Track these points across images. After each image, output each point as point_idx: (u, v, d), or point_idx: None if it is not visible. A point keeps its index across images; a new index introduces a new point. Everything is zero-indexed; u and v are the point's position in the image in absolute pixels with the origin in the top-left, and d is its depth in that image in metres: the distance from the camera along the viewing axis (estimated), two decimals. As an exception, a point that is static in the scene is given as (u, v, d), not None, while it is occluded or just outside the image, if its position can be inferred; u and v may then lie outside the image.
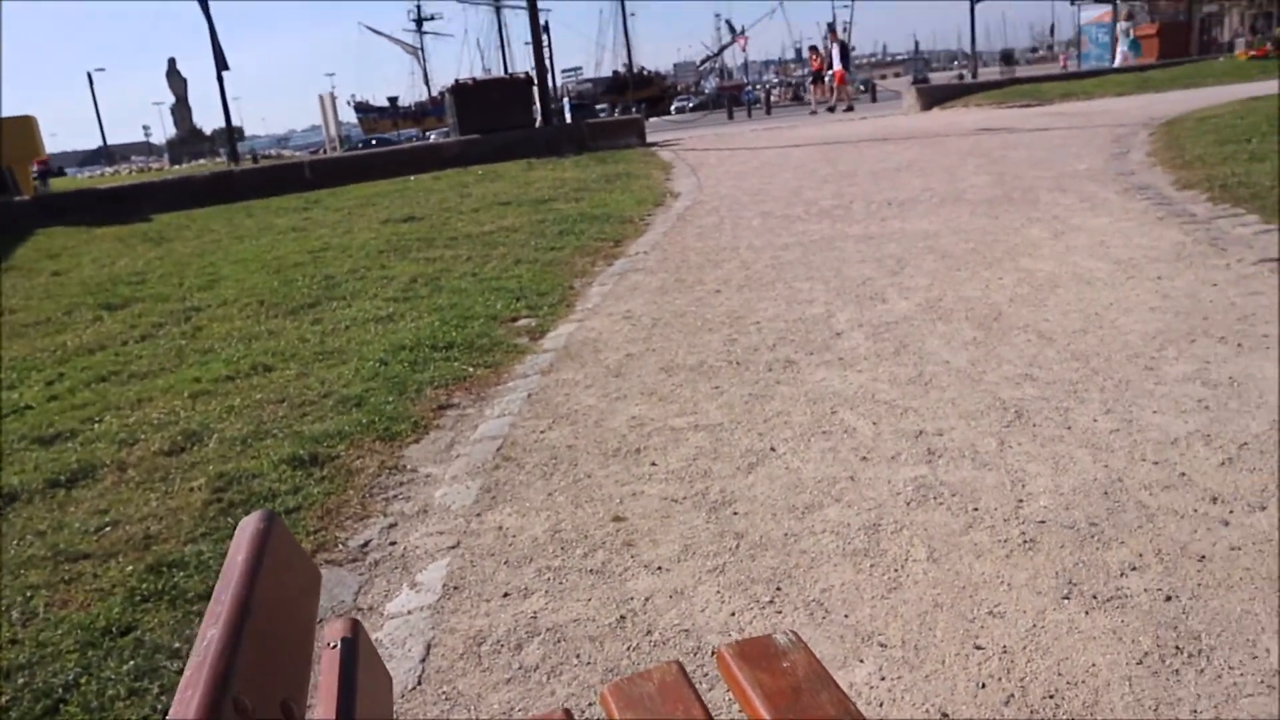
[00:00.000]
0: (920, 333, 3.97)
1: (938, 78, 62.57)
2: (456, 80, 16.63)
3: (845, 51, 23.85)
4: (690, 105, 59.78)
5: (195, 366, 4.53)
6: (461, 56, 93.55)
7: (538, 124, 16.15)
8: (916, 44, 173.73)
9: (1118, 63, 24.96)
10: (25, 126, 16.81)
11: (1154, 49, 27.55)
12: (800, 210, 7.44)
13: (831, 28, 25.01)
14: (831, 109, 22.14)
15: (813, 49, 26.42)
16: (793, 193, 8.43)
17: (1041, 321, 3.96)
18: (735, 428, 3.16)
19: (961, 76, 41.37)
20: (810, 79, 25.34)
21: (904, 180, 8.49)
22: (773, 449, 2.96)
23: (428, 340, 4.46)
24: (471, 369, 4.08)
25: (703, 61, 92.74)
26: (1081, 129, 11.31)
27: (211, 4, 18.59)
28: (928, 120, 16.06)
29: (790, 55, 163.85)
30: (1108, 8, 31.18)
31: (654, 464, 2.94)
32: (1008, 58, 53.61)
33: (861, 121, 17.40)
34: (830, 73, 23.31)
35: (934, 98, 19.46)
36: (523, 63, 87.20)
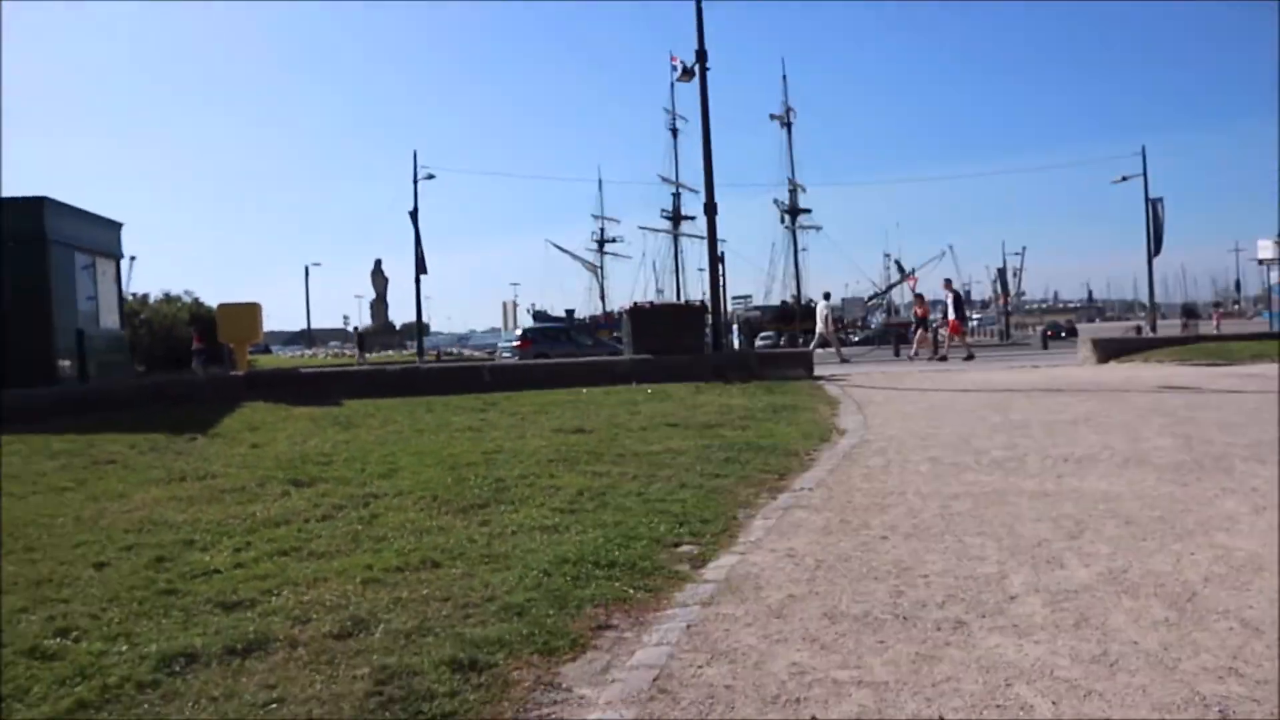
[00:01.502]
0: (1103, 606, 3.75)
1: (1111, 329, 60.93)
2: (635, 303, 17.55)
3: (960, 302, 24.11)
4: (856, 340, 60.25)
5: (369, 553, 4.74)
6: (638, 276, 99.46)
7: (708, 349, 16.68)
8: (1090, 293, 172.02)
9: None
10: (250, 313, 18.66)
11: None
12: (970, 459, 7.29)
13: (948, 280, 25.17)
14: (944, 358, 22.00)
15: (918, 296, 26.57)
16: (962, 440, 8.29)
17: (1245, 609, 3.67)
18: (901, 689, 3.02)
19: (1140, 330, 40.46)
20: (915, 326, 25.28)
21: (1080, 435, 8.24)
22: (941, 719, 2.80)
23: (591, 556, 4.52)
24: (632, 590, 4.09)
25: (870, 298, 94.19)
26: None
27: (421, 216, 20.46)
28: (1104, 373, 15.67)
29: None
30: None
31: (814, 718, 2.83)
32: (1190, 311, 51.95)
33: (1033, 371, 17.13)
34: (936, 320, 23.36)
35: (1110, 350, 19.05)
36: (695, 287, 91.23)
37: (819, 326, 24.13)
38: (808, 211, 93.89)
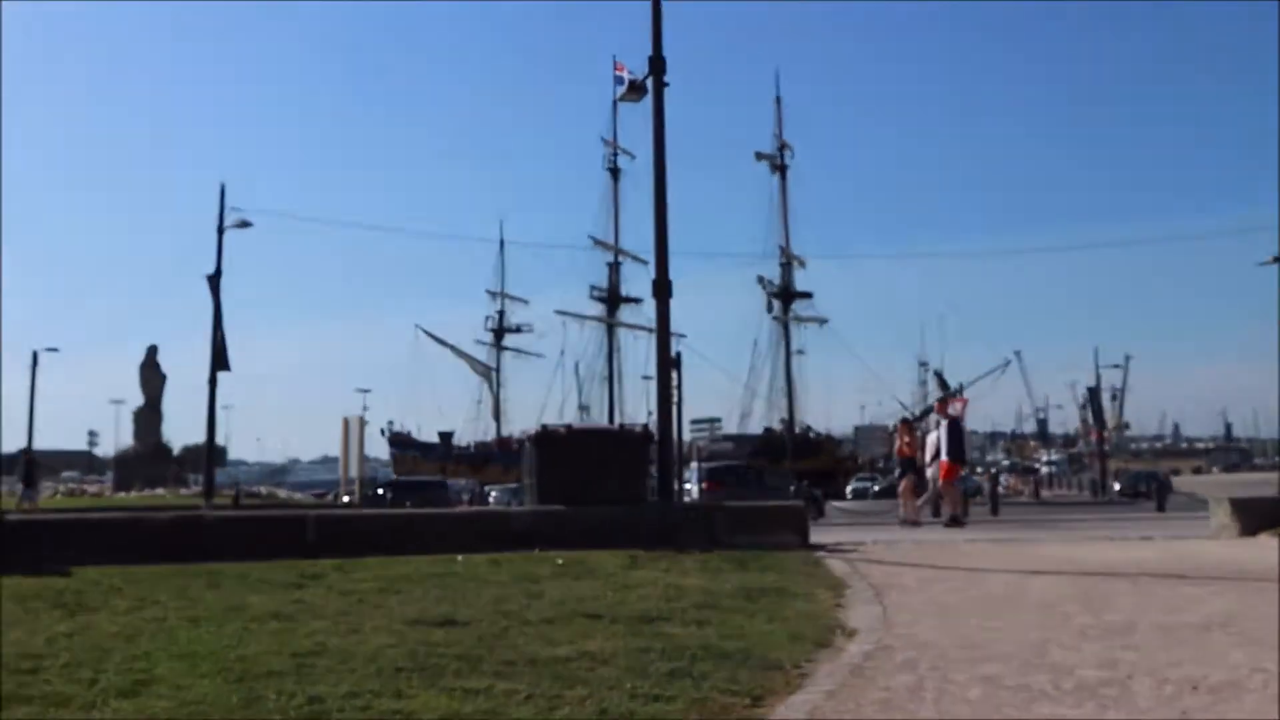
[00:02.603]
0: None
1: (1260, 482, 61.63)
2: (544, 425, 17.45)
3: (957, 432, 24.31)
4: (877, 488, 60.82)
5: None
6: (552, 385, 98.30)
7: (653, 499, 16.56)
8: (1228, 426, 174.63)
9: None
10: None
11: None
12: (1046, 681, 7.19)
13: (943, 397, 25.67)
14: (916, 523, 22.41)
15: (904, 423, 27.09)
16: (1034, 650, 8.22)
17: None
18: None
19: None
20: (898, 471, 25.89)
21: (1215, 648, 8.21)
22: None
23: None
24: None
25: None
26: None
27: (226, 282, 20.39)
28: (1251, 550, 15.87)
29: (1030, 427, 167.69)
30: None
31: None
32: None
33: (1142, 544, 17.31)
34: (927, 460, 23.79)
35: (1260, 516, 19.25)
36: (637, 404, 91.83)
37: (926, 455, 24.98)
38: (807, 296, 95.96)
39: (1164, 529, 21.91)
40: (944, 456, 23.28)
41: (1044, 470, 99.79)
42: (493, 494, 60.88)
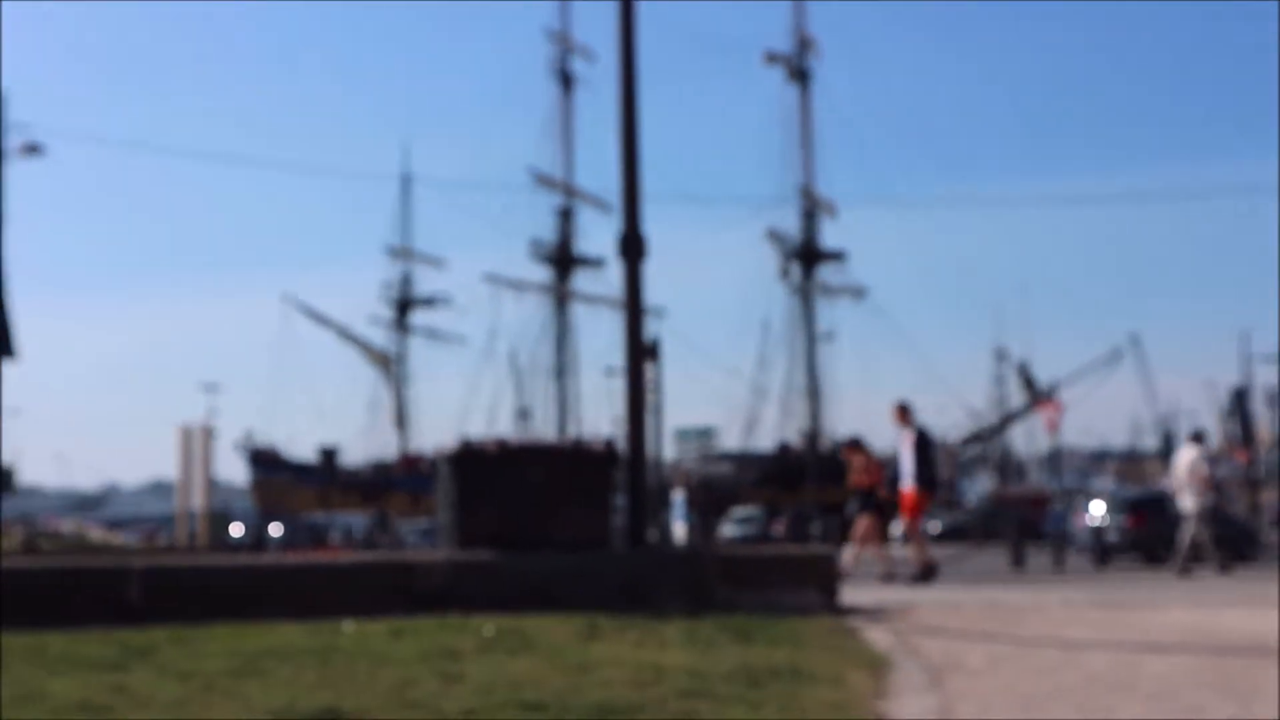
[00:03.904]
0: None
1: None
2: (466, 441, 17.41)
3: (925, 448, 24.74)
4: (935, 529, 61.09)
5: None
6: (480, 385, 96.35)
7: (617, 542, 16.57)
8: None
9: None
10: None
11: None
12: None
13: (904, 406, 26.02)
14: (892, 575, 22.79)
15: (852, 445, 27.45)
16: (1151, 758, 8.34)
17: None
18: None
19: None
20: (857, 507, 26.26)
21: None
22: None
23: None
24: None
25: (967, 439, 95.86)
26: None
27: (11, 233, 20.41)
28: None
29: (1151, 443, 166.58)
30: None
31: None
32: None
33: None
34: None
35: None
36: (597, 411, 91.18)
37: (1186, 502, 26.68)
38: (838, 258, 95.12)
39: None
40: (907, 482, 23.46)
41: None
42: (408, 538, 60.69)
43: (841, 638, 13.40)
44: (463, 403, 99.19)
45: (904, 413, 25.35)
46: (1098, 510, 41.75)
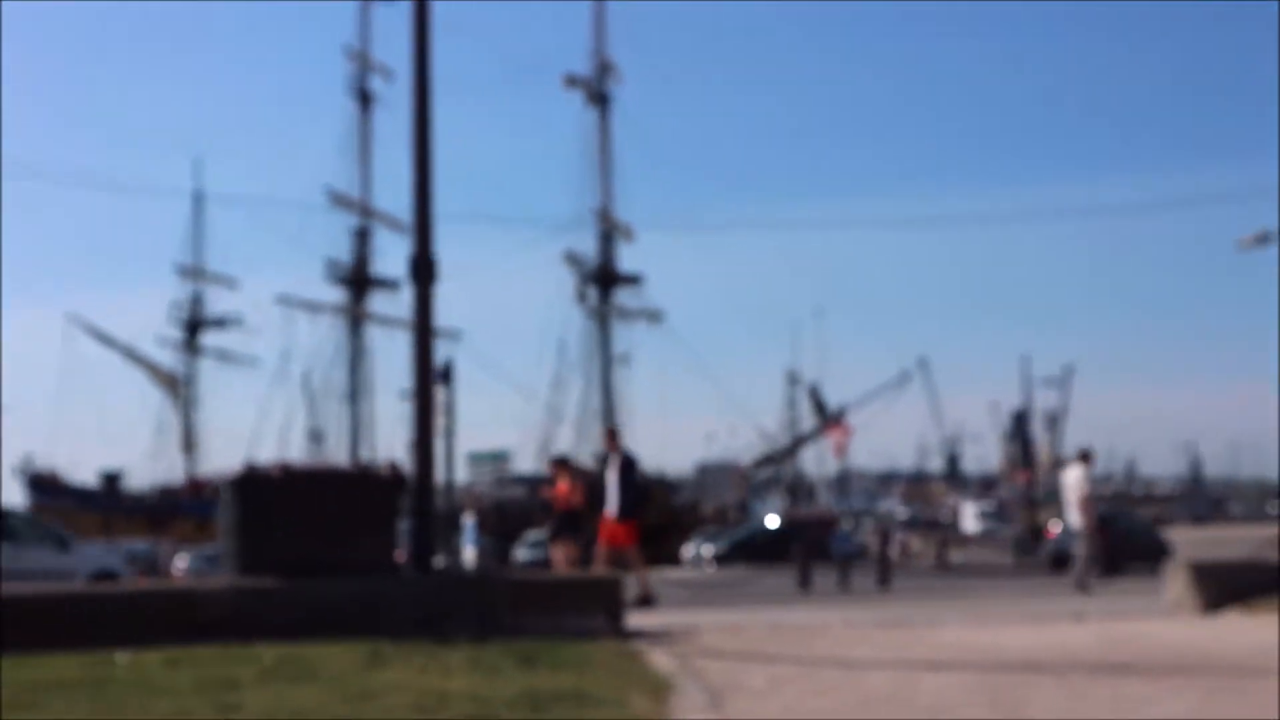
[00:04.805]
0: None
1: (1231, 539, 63.75)
2: (250, 465, 17.23)
3: (631, 475, 24.82)
4: (721, 550, 61.45)
5: None
6: (271, 408, 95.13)
7: (402, 567, 16.48)
8: (1196, 463, 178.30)
9: None
10: None
11: None
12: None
13: (613, 430, 26.42)
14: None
15: (559, 463, 27.83)
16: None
17: None
18: None
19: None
20: (551, 529, 26.60)
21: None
22: None
23: None
24: None
25: (759, 461, 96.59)
26: None
27: None
28: (1215, 632, 16.47)
29: (938, 465, 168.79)
30: None
31: None
32: None
33: (1074, 625, 17.76)
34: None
35: (1229, 584, 19.85)
36: (393, 434, 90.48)
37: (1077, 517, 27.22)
38: (634, 281, 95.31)
39: (1102, 603, 22.50)
40: (610, 509, 23.64)
41: (973, 522, 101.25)
42: (179, 564, 59.58)
43: (626, 661, 13.47)
44: (254, 426, 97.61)
45: (612, 437, 25.50)
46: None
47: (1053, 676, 12.67)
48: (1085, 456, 29.15)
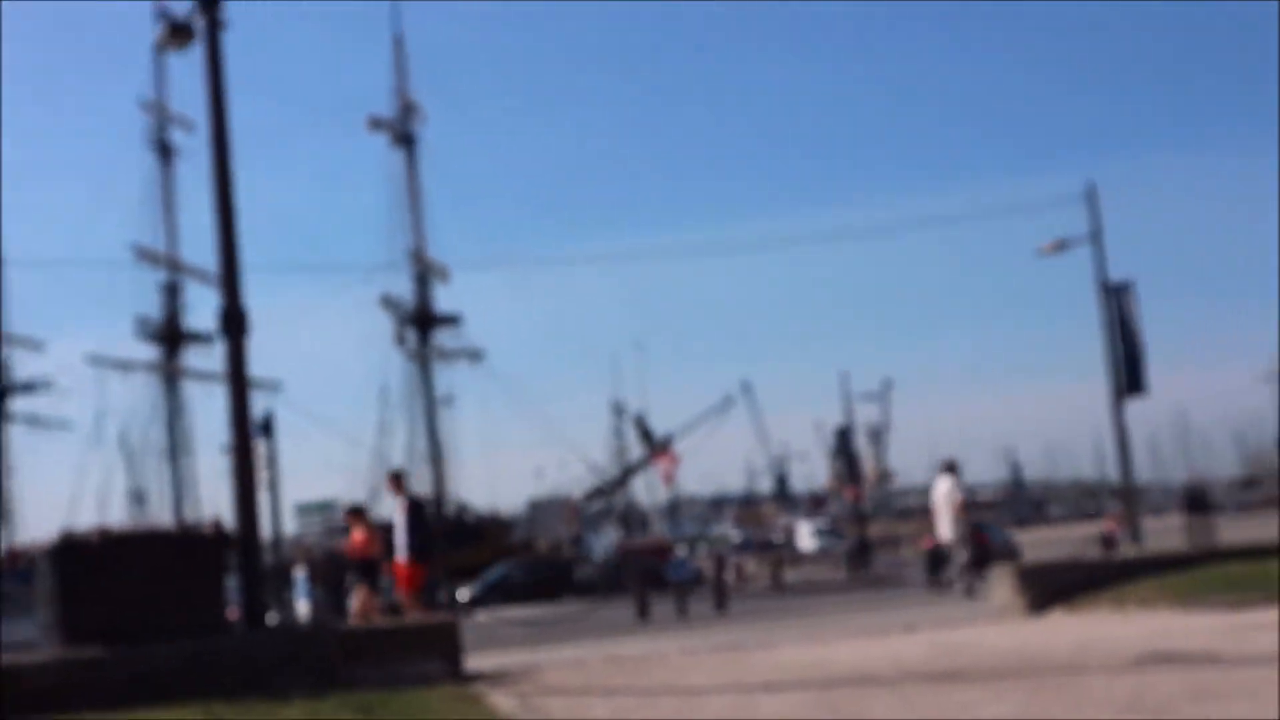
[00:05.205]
0: None
1: (1051, 540, 64.92)
2: (67, 533, 16.89)
3: (418, 517, 24.83)
4: (477, 593, 61.33)
5: None
6: (89, 471, 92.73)
7: (234, 625, 16.27)
8: (1016, 468, 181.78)
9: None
10: None
11: None
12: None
13: (397, 474, 26.78)
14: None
15: (354, 513, 28.07)
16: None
17: None
18: None
19: (1110, 542, 42.96)
20: (355, 579, 26.87)
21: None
22: None
23: None
24: None
25: (590, 494, 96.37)
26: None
27: None
28: (1041, 633, 16.73)
29: (767, 486, 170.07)
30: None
31: None
32: (1197, 499, 55.33)
33: (905, 636, 17.96)
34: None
35: (1052, 585, 20.23)
36: (218, 488, 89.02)
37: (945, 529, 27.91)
38: (452, 322, 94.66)
39: (933, 611, 22.87)
40: (401, 554, 23.69)
41: (810, 541, 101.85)
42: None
43: (465, 704, 13.39)
44: (71, 491, 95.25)
45: (397, 480, 25.36)
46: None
47: (886, 688, 12.80)
48: (951, 467, 29.45)
